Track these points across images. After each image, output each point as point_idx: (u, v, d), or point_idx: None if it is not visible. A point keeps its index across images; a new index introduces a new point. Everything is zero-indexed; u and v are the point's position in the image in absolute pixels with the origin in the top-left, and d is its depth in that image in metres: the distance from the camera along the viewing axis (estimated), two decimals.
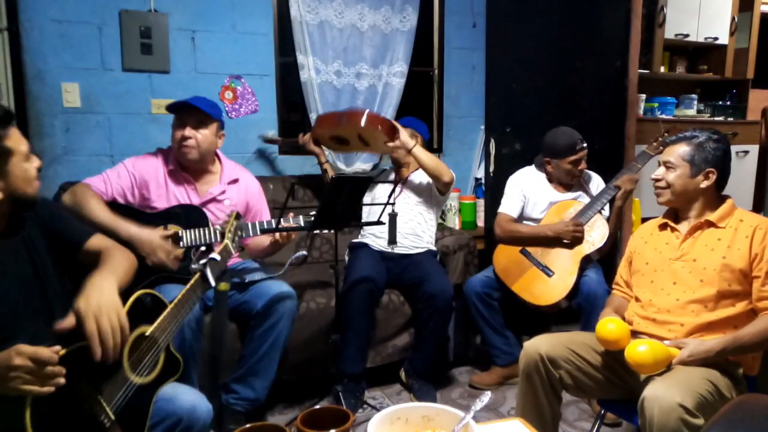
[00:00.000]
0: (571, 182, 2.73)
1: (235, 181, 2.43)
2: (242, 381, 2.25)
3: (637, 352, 1.57)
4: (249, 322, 2.27)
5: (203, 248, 1.61)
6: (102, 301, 1.24)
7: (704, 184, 1.76)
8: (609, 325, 1.68)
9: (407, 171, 2.94)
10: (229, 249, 1.72)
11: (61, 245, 1.45)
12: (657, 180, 1.83)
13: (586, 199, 2.69)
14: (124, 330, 1.25)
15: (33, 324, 1.30)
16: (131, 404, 1.33)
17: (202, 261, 1.55)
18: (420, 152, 2.68)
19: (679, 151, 1.78)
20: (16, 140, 1.28)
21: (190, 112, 2.28)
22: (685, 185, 1.77)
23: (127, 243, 2.03)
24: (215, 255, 1.59)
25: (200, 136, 2.28)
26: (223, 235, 1.78)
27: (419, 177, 2.87)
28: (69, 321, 1.22)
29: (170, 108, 2.34)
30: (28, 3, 2.70)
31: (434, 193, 2.86)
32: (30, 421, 1.13)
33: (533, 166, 2.84)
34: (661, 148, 2.55)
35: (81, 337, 1.24)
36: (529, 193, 2.75)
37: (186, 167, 2.34)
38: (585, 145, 2.64)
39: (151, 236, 2.08)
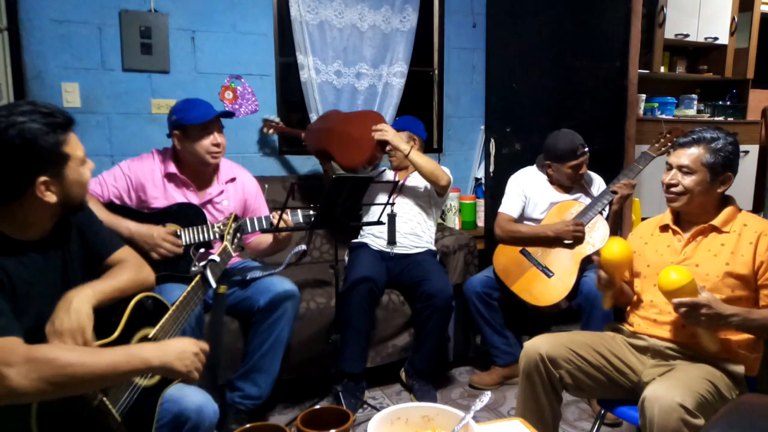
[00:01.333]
0: (572, 185, 2.72)
1: (233, 179, 2.43)
2: (246, 378, 2.25)
3: (671, 278, 1.56)
4: (251, 318, 2.27)
5: (202, 249, 1.62)
6: (65, 325, 1.22)
7: (721, 189, 1.71)
8: (614, 246, 1.76)
9: (406, 172, 2.95)
10: (228, 251, 1.73)
11: (89, 252, 1.46)
12: (672, 185, 1.74)
13: (587, 200, 2.69)
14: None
15: None
16: (138, 406, 1.33)
17: (202, 263, 1.56)
18: (417, 157, 2.70)
19: (697, 154, 1.69)
20: (74, 145, 1.30)
21: (215, 118, 2.29)
22: (704, 191, 1.70)
23: (129, 241, 2.04)
24: (215, 257, 1.60)
25: (224, 140, 2.33)
26: (221, 236, 1.79)
27: (418, 177, 2.88)
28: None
29: (200, 119, 2.24)
30: (28, 3, 2.70)
31: (433, 194, 2.86)
32: (36, 424, 1.13)
33: (534, 166, 2.83)
34: (663, 149, 2.54)
35: None
36: (530, 193, 2.75)
37: (186, 170, 2.33)
38: (586, 149, 2.62)
39: (152, 230, 2.10)
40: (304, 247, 2.37)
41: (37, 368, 1.08)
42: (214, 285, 1.57)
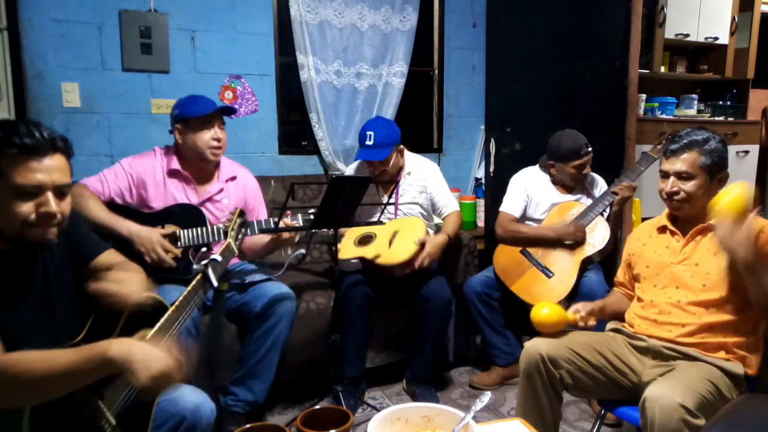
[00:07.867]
0: (574, 186, 2.72)
1: (233, 178, 2.42)
2: (241, 383, 2.25)
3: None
4: (248, 323, 2.27)
5: (204, 249, 1.59)
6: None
7: (719, 188, 1.72)
8: (543, 310, 1.80)
9: (404, 172, 2.93)
10: (232, 248, 1.69)
11: (75, 257, 1.44)
12: (674, 193, 1.72)
13: (588, 201, 2.68)
14: None
15: (37, 343, 1.23)
16: (133, 407, 1.32)
17: (204, 262, 1.54)
18: (450, 232, 2.65)
19: (693, 158, 1.69)
20: (20, 173, 1.16)
21: (215, 113, 2.29)
22: (705, 194, 1.70)
23: (125, 241, 2.03)
24: (217, 256, 1.58)
25: (225, 136, 2.33)
26: (224, 234, 1.76)
27: (417, 177, 2.87)
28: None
29: (201, 112, 2.26)
30: (28, 3, 2.70)
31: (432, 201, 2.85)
32: (29, 427, 1.12)
33: (537, 166, 2.82)
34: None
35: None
36: (533, 193, 2.74)
37: (187, 166, 2.32)
38: (590, 149, 2.61)
39: (150, 233, 2.09)
40: (303, 251, 2.37)
41: None
42: (216, 284, 1.54)
